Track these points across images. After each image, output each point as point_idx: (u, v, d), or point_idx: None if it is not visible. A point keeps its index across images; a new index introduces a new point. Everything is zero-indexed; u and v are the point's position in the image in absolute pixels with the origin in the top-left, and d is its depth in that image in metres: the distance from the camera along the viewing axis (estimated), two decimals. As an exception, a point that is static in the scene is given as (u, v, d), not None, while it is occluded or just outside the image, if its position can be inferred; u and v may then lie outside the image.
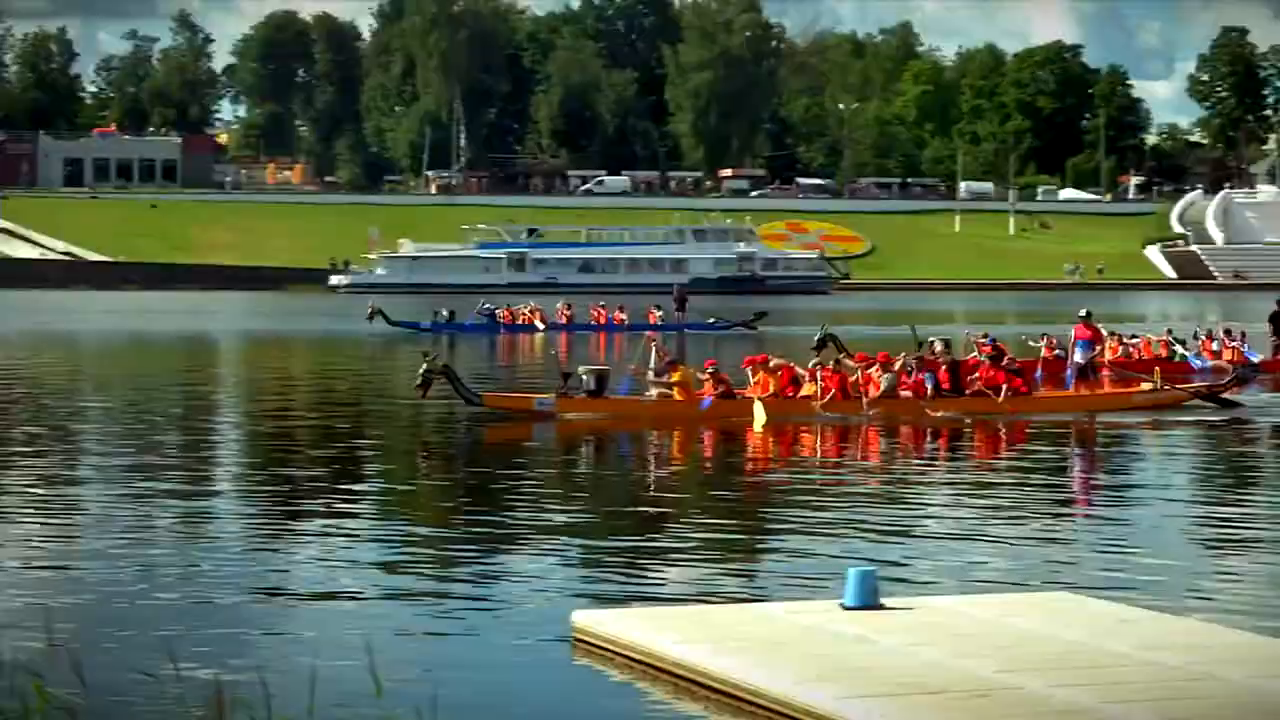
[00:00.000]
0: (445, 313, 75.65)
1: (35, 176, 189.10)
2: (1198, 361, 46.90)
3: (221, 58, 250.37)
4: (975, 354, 40.57)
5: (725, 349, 38.47)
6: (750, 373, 34.17)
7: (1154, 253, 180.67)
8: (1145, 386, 37.00)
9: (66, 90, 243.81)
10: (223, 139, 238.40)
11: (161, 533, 20.17)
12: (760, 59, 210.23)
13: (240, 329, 70.10)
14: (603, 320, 76.43)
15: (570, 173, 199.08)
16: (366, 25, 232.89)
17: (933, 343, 39.51)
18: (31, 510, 22.09)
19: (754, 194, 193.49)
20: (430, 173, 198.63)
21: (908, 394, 34.36)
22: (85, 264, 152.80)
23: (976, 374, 35.60)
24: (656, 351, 36.74)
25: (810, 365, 34.69)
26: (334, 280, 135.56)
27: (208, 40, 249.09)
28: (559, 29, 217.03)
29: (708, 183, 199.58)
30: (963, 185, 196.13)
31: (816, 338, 42.09)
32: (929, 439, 31.77)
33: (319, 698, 10.14)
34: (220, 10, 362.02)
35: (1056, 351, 46.94)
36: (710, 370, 34.02)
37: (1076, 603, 14.82)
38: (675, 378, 33.73)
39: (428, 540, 20.24)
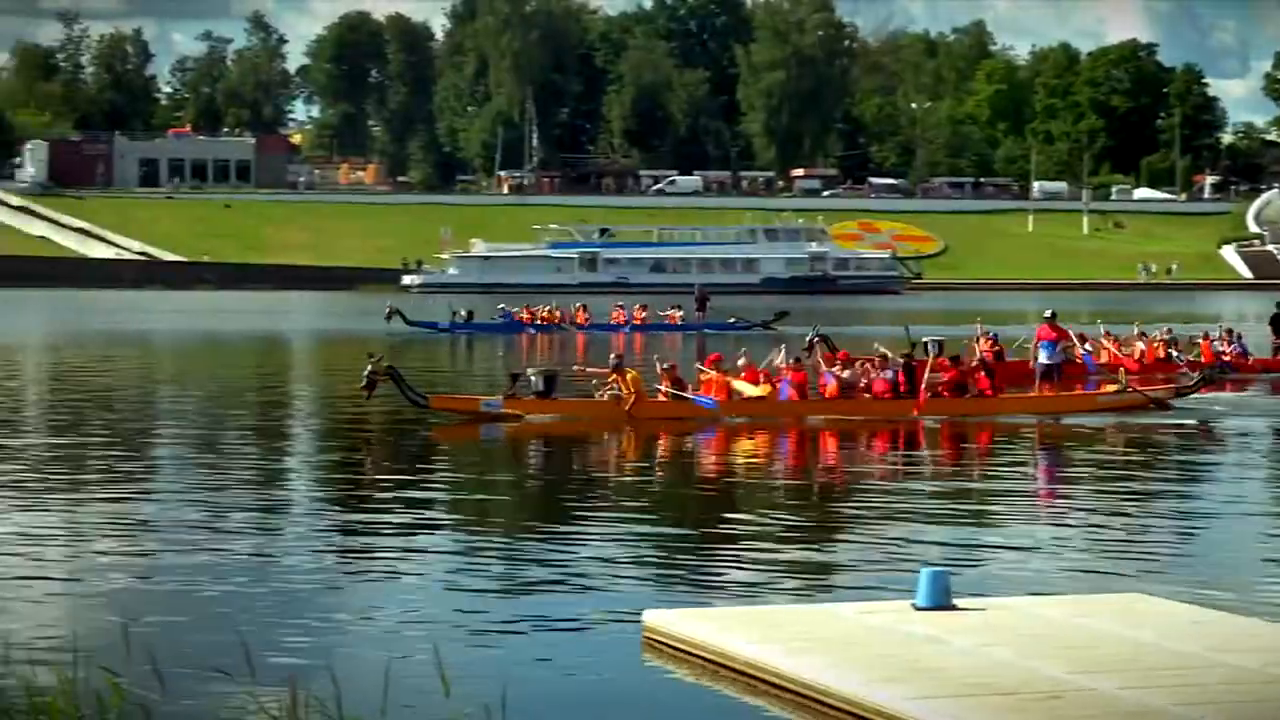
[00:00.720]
0: (464, 312, 75.40)
1: (111, 177, 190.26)
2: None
3: (295, 58, 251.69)
4: (976, 352, 41.10)
5: (746, 349, 38.07)
6: (699, 372, 33.99)
7: (1230, 252, 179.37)
8: (1110, 389, 36.42)
9: (142, 91, 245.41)
10: (296, 139, 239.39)
11: (236, 531, 20.27)
12: (833, 58, 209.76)
13: (312, 328, 70.39)
14: (622, 320, 75.85)
15: (642, 173, 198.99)
16: (439, 25, 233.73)
17: (926, 344, 39.53)
18: (107, 509, 22.24)
19: (826, 194, 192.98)
20: (502, 173, 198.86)
21: (867, 395, 34.14)
22: (160, 264, 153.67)
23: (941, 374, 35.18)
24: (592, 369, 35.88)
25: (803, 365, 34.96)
26: (406, 280, 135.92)
27: (281, 41, 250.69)
28: (631, 29, 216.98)
29: (779, 182, 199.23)
30: (1036, 185, 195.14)
31: (808, 339, 41.98)
32: (990, 439, 31.63)
33: (390, 697, 10.19)
34: (293, 11, 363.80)
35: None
36: (666, 369, 33.97)
37: (1149, 603, 14.73)
38: (625, 380, 33.09)
39: (498, 540, 20.27)
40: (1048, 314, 39.45)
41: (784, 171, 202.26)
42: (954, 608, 14.05)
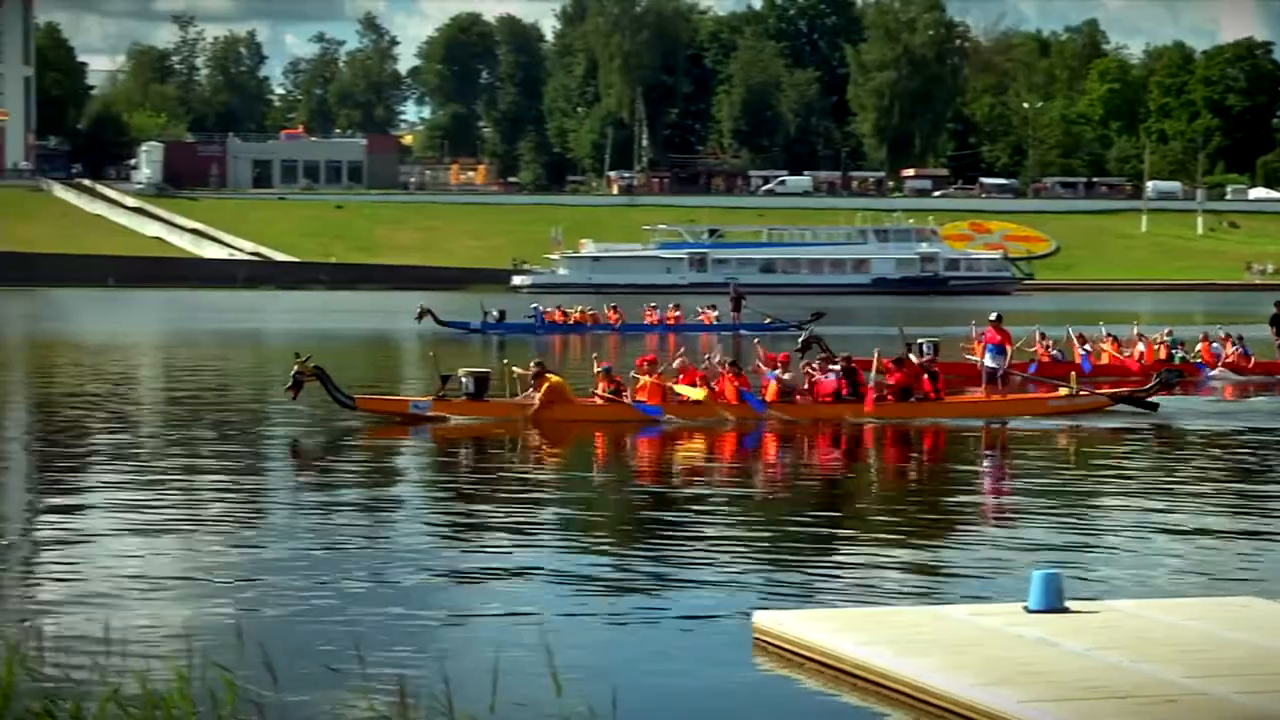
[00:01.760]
0: (495, 313, 74.98)
1: (225, 178, 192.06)
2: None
3: (406, 59, 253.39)
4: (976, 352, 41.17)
5: (781, 349, 37.75)
6: (635, 373, 33.50)
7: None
8: (1062, 392, 35.68)
9: (255, 93, 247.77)
10: (407, 140, 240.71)
11: (347, 531, 20.39)
12: (944, 58, 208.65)
13: (421, 328, 70.66)
14: (655, 321, 75.14)
15: (752, 173, 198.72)
16: (549, 26, 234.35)
17: (921, 345, 39.20)
18: (221, 507, 22.43)
19: (937, 194, 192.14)
20: (612, 173, 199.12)
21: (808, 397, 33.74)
22: (272, 264, 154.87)
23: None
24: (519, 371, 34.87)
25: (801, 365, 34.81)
26: (516, 280, 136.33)
27: (393, 42, 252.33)
28: (741, 29, 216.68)
29: (890, 183, 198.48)
30: (1149, 184, 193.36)
31: (800, 339, 41.78)
32: (1075, 441, 31.33)
33: (500, 696, 10.21)
34: (405, 12, 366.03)
35: (1054, 353, 46.61)
36: (602, 370, 33.60)
37: (1263, 607, 14.57)
38: (545, 387, 32.72)
39: (608, 540, 20.30)
40: (993, 317, 38.84)
41: (894, 171, 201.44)
42: (1066, 610, 13.96)
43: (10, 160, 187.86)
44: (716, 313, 75.38)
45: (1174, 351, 47.24)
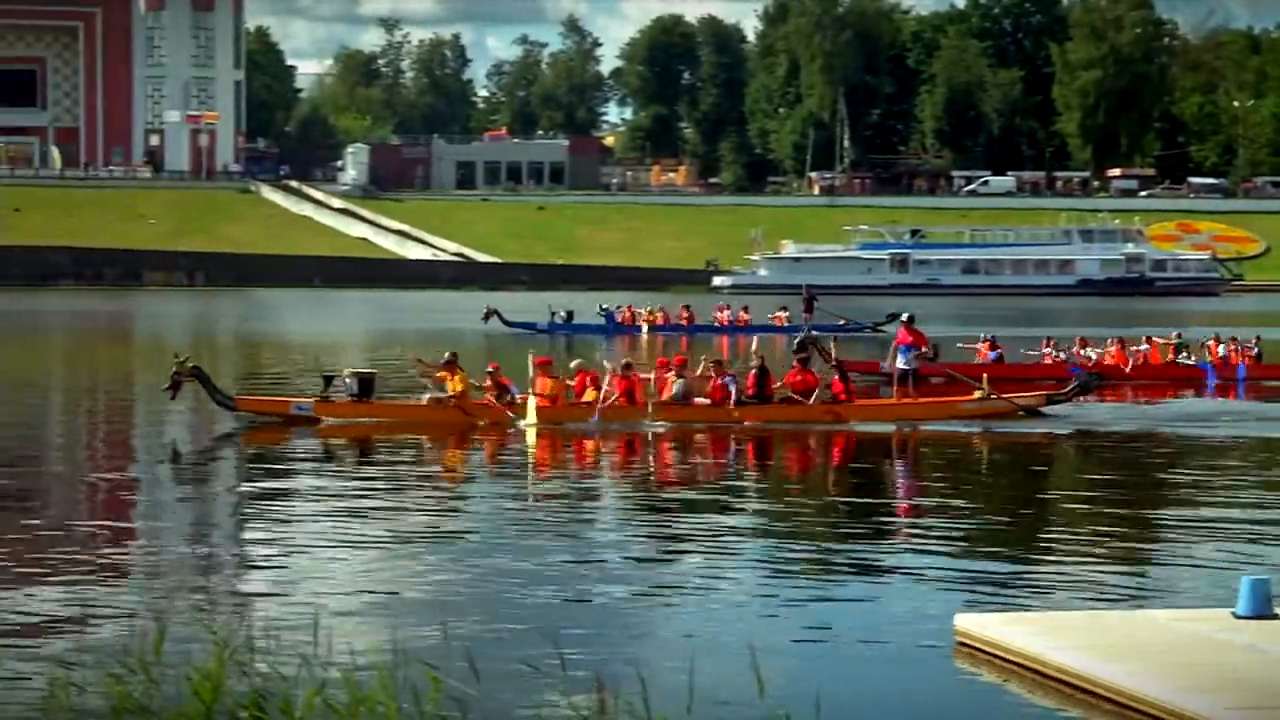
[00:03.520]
0: (563, 313, 74.51)
1: (429, 180, 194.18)
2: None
3: (609, 61, 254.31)
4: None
5: (855, 352, 37.28)
6: (531, 373, 32.59)
7: None
8: (975, 395, 34.69)
9: (459, 95, 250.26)
10: (609, 141, 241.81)
11: (548, 530, 20.53)
12: (1151, 56, 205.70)
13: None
14: (725, 322, 74.25)
15: (954, 173, 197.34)
16: (751, 27, 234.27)
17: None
18: (428, 510, 22.69)
19: (1143, 194, 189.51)
20: (813, 174, 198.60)
21: (705, 401, 32.89)
22: (476, 265, 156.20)
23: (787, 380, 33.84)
24: (424, 362, 34.66)
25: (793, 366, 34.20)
26: (716, 281, 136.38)
27: (595, 44, 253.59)
28: (944, 28, 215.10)
29: (1095, 183, 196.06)
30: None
31: (797, 340, 41.18)
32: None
33: (697, 696, 10.22)
34: (606, 14, 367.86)
35: (1058, 355, 45.78)
36: (490, 372, 32.87)
37: None
38: (453, 379, 32.20)
39: (805, 542, 20.25)
40: (904, 317, 37.97)
41: (1099, 171, 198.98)
42: (1275, 616, 13.71)
43: (220, 162, 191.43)
44: (787, 313, 74.48)
45: (1182, 354, 47.22)
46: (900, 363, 36.37)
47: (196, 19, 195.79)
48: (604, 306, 76.53)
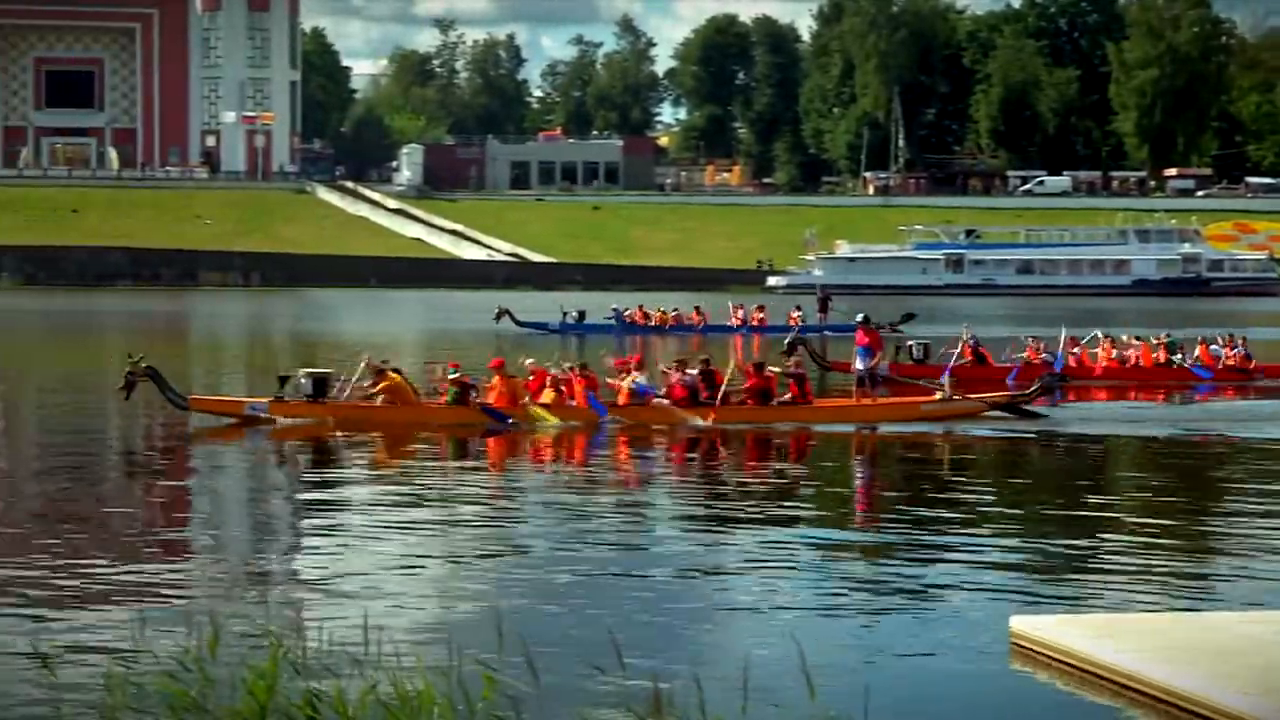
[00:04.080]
0: (575, 313, 74.76)
1: (483, 180, 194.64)
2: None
3: (663, 61, 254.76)
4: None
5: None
6: (488, 376, 32.57)
7: None
8: (936, 396, 34.43)
9: (514, 95, 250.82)
10: (663, 141, 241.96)
11: (605, 531, 20.52)
12: (1208, 55, 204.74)
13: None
14: (739, 322, 74.06)
15: (1010, 173, 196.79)
16: (805, 27, 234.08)
17: (911, 347, 38.14)
18: (480, 506, 22.71)
19: (1200, 194, 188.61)
20: (868, 174, 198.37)
21: (663, 401, 32.77)
22: (530, 265, 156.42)
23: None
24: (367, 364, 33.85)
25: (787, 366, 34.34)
26: (771, 281, 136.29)
27: (650, 44, 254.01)
28: (999, 27, 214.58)
29: (1151, 182, 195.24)
30: None
31: (787, 341, 40.74)
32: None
33: (751, 698, 10.20)
34: (660, 14, 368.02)
35: (1044, 355, 45.54)
36: (453, 373, 32.75)
37: None
38: (383, 385, 32.15)
39: (859, 542, 20.20)
40: (859, 318, 37.56)
41: (1156, 171, 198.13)
42: (1335, 620, 13.61)
43: (276, 163, 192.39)
44: (801, 313, 74.26)
45: (1173, 355, 47.00)
46: (858, 364, 35.79)
47: (252, 20, 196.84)
48: (614, 307, 77.42)
